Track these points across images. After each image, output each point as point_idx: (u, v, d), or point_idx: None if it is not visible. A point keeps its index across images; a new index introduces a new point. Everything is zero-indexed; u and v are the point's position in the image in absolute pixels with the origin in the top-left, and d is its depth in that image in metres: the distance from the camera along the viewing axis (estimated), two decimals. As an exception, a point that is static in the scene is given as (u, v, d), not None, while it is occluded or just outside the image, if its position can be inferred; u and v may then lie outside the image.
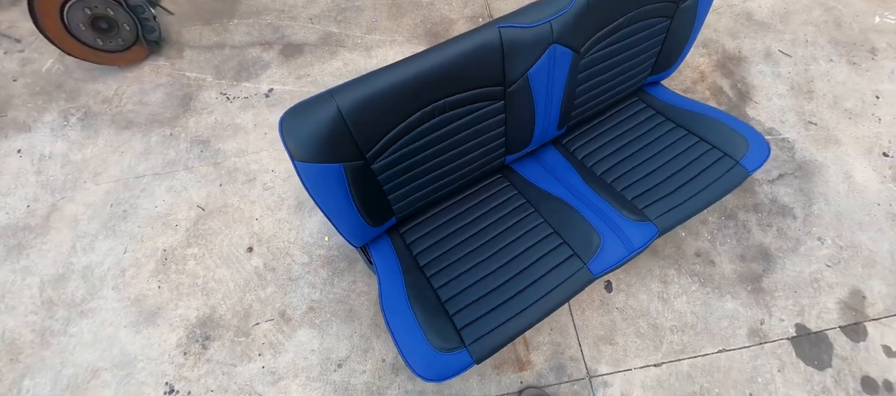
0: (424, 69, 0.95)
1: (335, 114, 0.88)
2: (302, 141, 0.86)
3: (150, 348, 1.35)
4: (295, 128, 0.86)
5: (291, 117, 0.86)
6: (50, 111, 1.82)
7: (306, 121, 0.86)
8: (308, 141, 0.87)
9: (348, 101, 0.89)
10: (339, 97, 0.88)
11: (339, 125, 0.89)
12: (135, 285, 1.45)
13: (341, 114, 0.88)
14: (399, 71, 0.93)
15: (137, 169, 1.68)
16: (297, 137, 0.86)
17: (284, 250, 1.51)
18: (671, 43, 1.39)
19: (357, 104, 0.89)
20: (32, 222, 1.57)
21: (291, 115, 0.86)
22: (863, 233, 1.53)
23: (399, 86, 0.93)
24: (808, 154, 1.72)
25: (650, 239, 1.19)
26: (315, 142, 0.87)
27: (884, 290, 1.43)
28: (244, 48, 2.02)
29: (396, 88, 0.93)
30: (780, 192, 1.63)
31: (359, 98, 0.89)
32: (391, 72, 0.92)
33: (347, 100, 0.88)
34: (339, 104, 0.88)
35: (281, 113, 1.78)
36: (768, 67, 1.96)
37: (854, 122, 1.80)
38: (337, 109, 0.88)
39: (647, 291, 1.44)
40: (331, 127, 0.88)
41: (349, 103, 0.89)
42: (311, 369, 1.32)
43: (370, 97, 0.90)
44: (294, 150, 0.86)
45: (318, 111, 0.87)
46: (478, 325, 1.08)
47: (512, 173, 1.39)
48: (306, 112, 0.87)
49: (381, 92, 0.91)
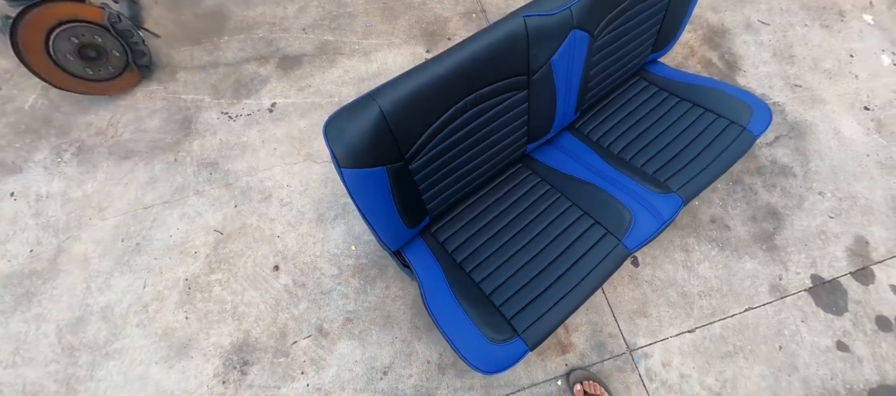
0: (456, 64, 0.96)
1: (378, 115, 0.88)
2: (347, 146, 0.86)
3: (187, 381, 1.31)
4: (339, 134, 0.85)
5: (335, 123, 0.85)
6: (40, 149, 1.73)
7: (350, 126, 0.86)
8: (353, 146, 0.86)
9: (389, 102, 0.89)
10: (380, 98, 0.88)
11: (382, 127, 0.89)
12: (160, 319, 1.40)
13: (383, 115, 0.88)
14: (434, 68, 0.94)
15: (145, 199, 1.62)
16: (342, 143, 0.85)
17: (312, 264, 1.49)
18: (670, 20, 1.44)
19: (398, 104, 0.90)
20: (39, 267, 1.49)
21: (335, 121, 0.85)
22: (858, 183, 1.64)
23: (435, 83, 0.94)
24: (798, 115, 1.82)
25: (677, 209, 1.24)
26: (359, 147, 0.87)
27: (884, 234, 1.53)
28: (239, 64, 1.97)
29: (433, 85, 0.94)
30: (778, 154, 1.72)
31: (399, 97, 0.90)
32: (427, 70, 0.93)
33: (388, 101, 0.89)
34: (380, 105, 0.88)
35: (288, 126, 1.77)
36: (751, 37, 2.06)
37: (834, 81, 1.91)
38: (379, 111, 0.88)
39: (672, 261, 1.49)
40: (374, 130, 0.88)
41: (390, 104, 0.89)
42: (357, 380, 1.31)
43: (409, 96, 0.91)
44: (340, 157, 0.86)
45: (361, 115, 0.87)
46: (527, 313, 1.10)
47: (533, 162, 1.41)
48: (349, 116, 0.86)
49: (419, 90, 0.92)
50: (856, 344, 1.34)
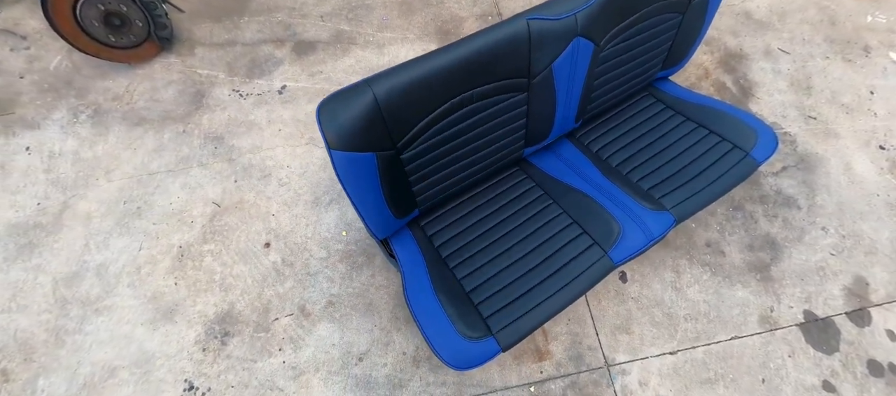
0: (455, 60, 0.97)
1: (371, 102, 0.89)
2: (339, 129, 0.87)
3: (169, 345, 1.35)
4: (332, 116, 0.87)
5: (329, 105, 0.87)
6: (59, 108, 1.81)
7: (343, 110, 0.88)
8: (344, 129, 0.88)
9: (384, 90, 0.90)
10: (375, 85, 0.90)
11: (375, 114, 0.90)
12: (151, 282, 1.44)
13: (377, 102, 0.90)
14: (432, 61, 0.95)
15: (151, 166, 1.67)
16: (334, 125, 0.87)
17: (302, 245, 1.52)
18: (682, 38, 1.43)
19: (392, 93, 0.91)
20: (43, 220, 1.55)
21: (329, 104, 0.87)
22: (864, 223, 1.59)
23: (432, 76, 0.95)
24: (809, 147, 1.77)
25: (668, 227, 1.23)
26: (351, 131, 0.89)
27: (885, 277, 1.48)
28: (256, 45, 2.02)
29: (429, 78, 0.95)
30: (784, 184, 1.68)
31: (394, 87, 0.91)
32: (425, 63, 0.94)
33: (383, 89, 0.90)
34: (375, 92, 0.89)
35: (295, 110, 1.81)
36: (768, 64, 2.03)
37: (851, 117, 1.86)
38: (373, 97, 0.89)
39: (661, 281, 1.47)
40: (367, 115, 0.89)
41: (385, 92, 0.90)
42: (332, 363, 1.32)
43: (405, 86, 0.92)
44: (331, 139, 0.87)
45: (355, 99, 0.88)
46: (504, 314, 1.10)
47: (529, 166, 1.41)
48: (344, 100, 0.88)
49: (415, 81, 0.93)
50: (844, 386, 1.29)
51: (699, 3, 1.35)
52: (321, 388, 1.29)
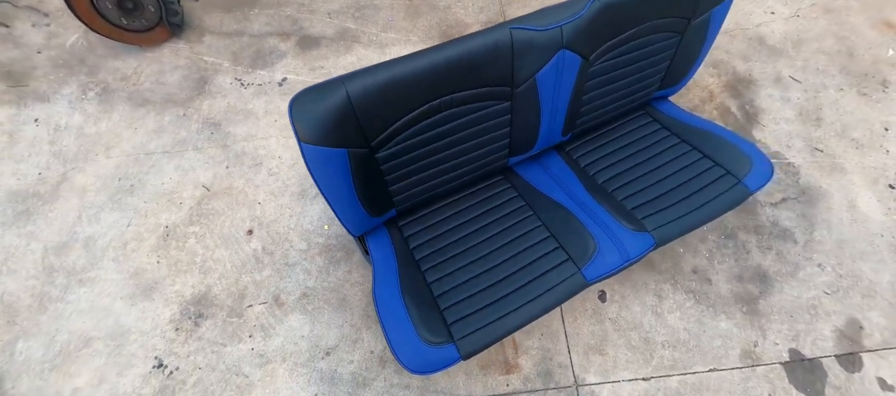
0: (434, 64, 0.96)
1: (344, 99, 0.90)
2: (309, 123, 0.88)
3: (144, 321, 1.37)
4: (304, 110, 0.88)
5: (301, 99, 0.88)
6: (70, 84, 1.88)
7: (315, 105, 0.88)
8: (315, 123, 0.88)
9: (358, 88, 0.90)
10: (349, 83, 0.90)
11: (347, 111, 0.91)
12: (135, 258, 1.48)
13: (350, 100, 0.90)
14: (410, 63, 0.95)
15: (149, 146, 1.72)
16: (305, 119, 0.88)
17: (284, 235, 1.53)
18: (680, 59, 1.40)
19: (367, 92, 0.91)
20: (42, 189, 1.61)
21: (301, 98, 0.88)
22: (864, 263, 1.52)
23: (409, 79, 0.95)
24: (812, 180, 1.71)
25: (646, 249, 1.19)
26: (322, 126, 0.89)
27: (882, 322, 1.40)
28: (262, 37, 2.07)
29: (406, 80, 0.95)
30: (781, 216, 1.62)
31: (369, 86, 0.91)
32: (402, 64, 0.94)
33: (357, 87, 0.90)
34: (348, 90, 0.90)
35: (291, 102, 1.83)
36: (777, 92, 1.96)
37: (861, 152, 1.79)
38: (346, 95, 0.90)
39: (641, 304, 1.43)
40: (339, 112, 0.90)
41: (359, 90, 0.90)
42: (300, 354, 1.33)
43: (380, 86, 0.92)
44: (301, 132, 0.88)
45: (328, 95, 0.89)
46: (468, 322, 1.08)
47: (514, 176, 1.40)
48: (317, 95, 0.89)
49: (391, 82, 0.93)
50: (826, 433, 1.23)
51: (699, 24, 1.32)
52: (286, 379, 1.29)
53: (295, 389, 1.27)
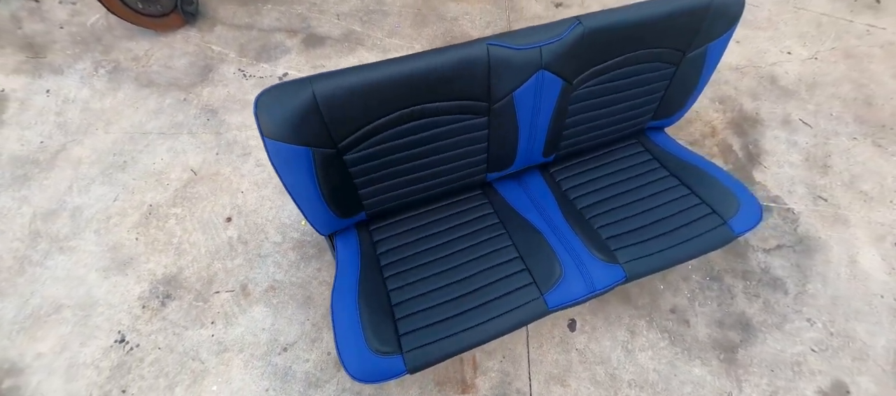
0: (407, 72, 0.96)
1: (310, 99, 0.90)
2: (274, 119, 0.89)
3: (114, 295, 1.40)
4: (269, 106, 0.89)
5: (267, 95, 0.89)
6: (84, 60, 1.97)
7: (280, 102, 0.89)
8: (279, 120, 0.89)
9: (325, 90, 0.91)
10: (317, 84, 0.90)
11: (313, 111, 0.91)
12: (116, 232, 1.51)
13: (316, 100, 0.90)
14: (381, 70, 0.95)
15: (146, 125, 1.78)
16: (269, 114, 0.88)
17: (261, 226, 1.55)
18: (675, 91, 1.36)
19: (334, 94, 0.91)
20: (41, 157, 1.68)
21: (268, 93, 0.89)
22: (859, 324, 1.42)
23: (379, 85, 0.95)
24: (812, 229, 1.62)
25: (615, 282, 1.15)
26: (286, 123, 0.90)
27: (871, 388, 1.31)
28: (271, 32, 2.12)
29: (376, 86, 0.94)
30: (774, 263, 1.54)
31: (336, 88, 0.92)
32: (373, 70, 0.94)
33: (325, 89, 0.91)
34: (315, 90, 0.90)
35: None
36: (785, 134, 1.89)
37: (869, 206, 1.69)
38: (312, 95, 0.90)
39: (612, 338, 1.37)
40: (304, 111, 0.90)
41: (326, 92, 0.91)
42: (258, 347, 1.32)
43: (348, 90, 0.92)
44: (264, 126, 0.89)
45: (294, 94, 0.89)
46: (420, 334, 1.06)
47: (493, 192, 1.38)
48: (283, 93, 0.89)
49: (360, 87, 0.93)
50: None
51: (694, 57, 1.28)
52: (240, 369, 1.29)
53: (247, 381, 1.27)
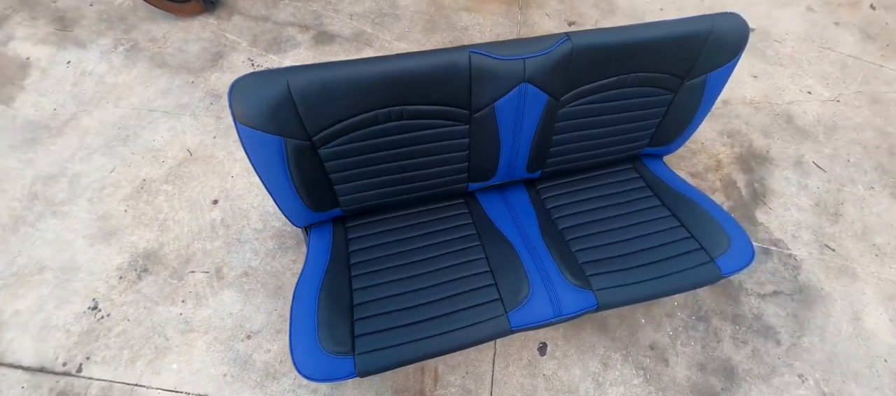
0: (385, 72, 0.96)
1: (284, 90, 0.91)
2: (247, 105, 0.90)
3: (95, 263, 1.43)
4: (244, 92, 0.90)
5: (243, 82, 0.90)
6: (106, 37, 2.06)
7: (255, 90, 0.90)
8: (253, 107, 0.90)
9: (300, 82, 0.91)
10: (292, 76, 0.91)
11: (286, 102, 0.92)
12: (107, 202, 1.56)
13: (290, 92, 0.91)
14: (359, 67, 0.95)
15: (153, 103, 1.84)
16: (243, 101, 0.89)
17: (245, 212, 1.56)
18: (673, 119, 1.32)
19: (309, 87, 0.92)
20: (52, 124, 1.75)
21: (244, 80, 0.90)
22: (856, 386, 1.31)
23: (356, 82, 0.95)
24: (814, 279, 1.52)
25: (584, 309, 1.10)
26: (259, 111, 0.90)
27: (863, 461, 1.20)
28: (284, 26, 2.18)
29: (353, 83, 0.95)
30: (768, 310, 1.45)
31: (311, 82, 0.92)
32: (351, 67, 0.95)
33: (300, 82, 0.91)
34: (290, 82, 0.91)
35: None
36: (795, 176, 1.79)
37: (881, 261, 1.58)
38: (287, 87, 0.91)
39: (583, 368, 1.31)
40: (277, 101, 0.91)
41: (301, 84, 0.91)
42: (222, 331, 1.32)
43: (323, 84, 0.93)
44: (238, 112, 0.90)
45: (269, 83, 0.90)
46: (376, 338, 1.04)
47: (474, 202, 1.36)
48: (259, 81, 0.90)
49: (336, 82, 0.93)
50: None
51: (693, 86, 1.23)
52: (202, 351, 1.29)
53: (207, 363, 1.27)
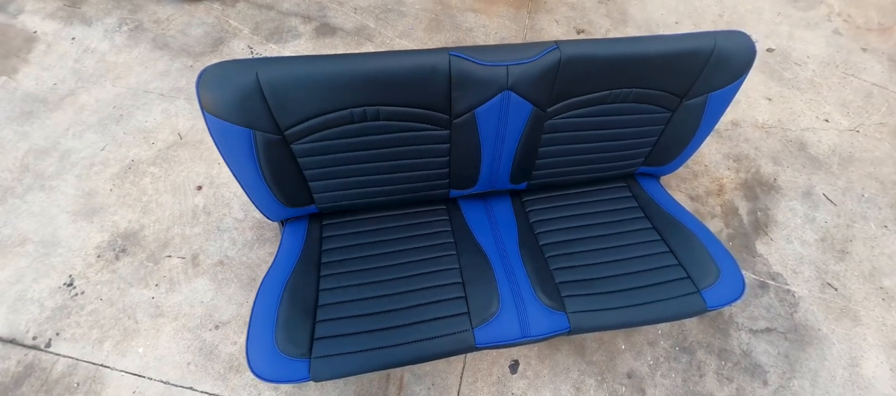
0: (361, 70, 0.93)
1: (253, 82, 0.88)
2: (216, 95, 0.87)
3: (76, 239, 1.44)
4: (212, 82, 0.87)
5: (212, 71, 0.87)
6: (112, 15, 2.08)
7: (224, 80, 0.88)
8: (221, 97, 0.87)
9: (270, 76, 0.89)
10: (262, 68, 0.89)
11: (256, 94, 0.89)
12: (94, 180, 1.57)
13: (259, 84, 0.89)
14: (332, 64, 0.92)
15: (150, 85, 1.85)
16: (211, 90, 0.87)
17: (227, 200, 1.55)
18: (671, 138, 1.25)
19: (279, 81, 0.89)
20: (50, 98, 1.77)
21: (213, 69, 0.88)
22: (846, 439, 1.23)
23: (328, 78, 0.92)
24: (812, 319, 1.43)
25: (555, 331, 1.05)
26: (227, 101, 0.88)
27: None
28: (288, 15, 2.17)
29: (325, 79, 0.92)
30: (758, 347, 1.37)
31: (282, 75, 0.90)
32: (324, 63, 0.92)
33: (269, 74, 0.89)
34: (259, 74, 0.88)
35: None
36: (803, 207, 1.70)
37: (887, 305, 1.48)
38: (256, 78, 0.88)
39: (554, 391, 1.26)
40: (246, 92, 0.88)
41: (271, 77, 0.89)
42: (191, 319, 1.31)
43: (294, 78, 0.90)
44: (205, 101, 0.87)
45: (238, 74, 0.88)
46: (335, 343, 1.01)
47: (456, 210, 1.32)
48: (227, 71, 0.88)
49: (308, 77, 0.91)
50: None
51: (693, 105, 1.17)
52: (169, 337, 1.28)
53: (172, 350, 1.26)
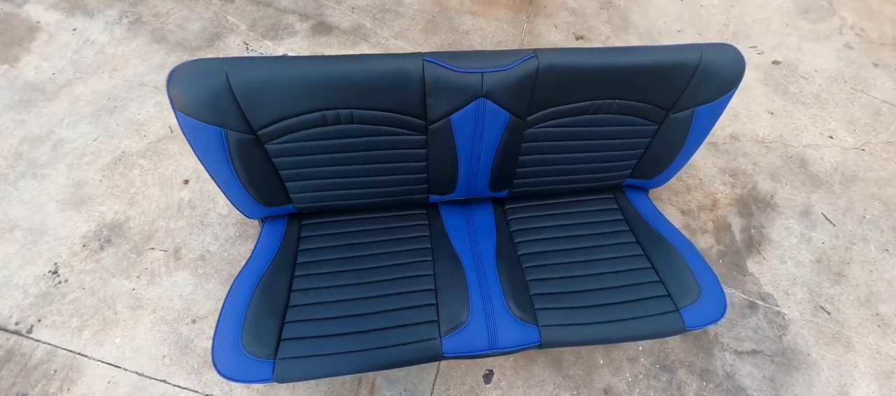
0: (331, 73, 0.93)
1: (223, 82, 0.88)
2: (186, 93, 0.88)
3: (63, 228, 1.46)
4: (183, 80, 0.87)
5: (183, 69, 0.88)
6: (113, 8, 2.11)
7: (195, 78, 0.88)
8: (192, 96, 0.88)
9: (240, 76, 0.89)
10: (231, 68, 0.89)
11: (226, 94, 0.89)
12: (84, 170, 1.59)
13: (229, 83, 0.88)
14: (303, 66, 0.92)
15: (146, 78, 1.87)
16: (181, 88, 0.87)
17: (212, 196, 1.56)
18: (657, 151, 1.22)
19: (249, 81, 0.89)
20: (49, 88, 1.80)
21: (184, 68, 0.88)
22: (829, 470, 1.19)
23: (299, 80, 0.92)
24: (801, 342, 1.39)
25: (525, 344, 1.03)
26: (198, 100, 0.88)
27: None
28: (285, 13, 2.17)
29: (296, 81, 0.92)
30: (743, 370, 1.33)
31: (252, 76, 0.90)
32: (295, 64, 0.92)
33: (239, 75, 0.89)
34: (228, 74, 0.88)
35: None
36: (799, 227, 1.65)
37: (883, 333, 1.42)
38: (226, 78, 0.88)
39: (527, 403, 1.24)
40: (216, 91, 0.88)
41: (240, 78, 0.89)
42: (170, 312, 1.32)
43: (264, 79, 0.90)
44: (176, 99, 0.87)
45: (208, 73, 0.88)
46: (302, 345, 1.00)
47: (435, 215, 1.31)
48: (197, 70, 0.88)
49: (278, 79, 0.91)
50: None
51: (680, 118, 1.13)
52: (146, 329, 1.29)
53: (148, 342, 1.27)
